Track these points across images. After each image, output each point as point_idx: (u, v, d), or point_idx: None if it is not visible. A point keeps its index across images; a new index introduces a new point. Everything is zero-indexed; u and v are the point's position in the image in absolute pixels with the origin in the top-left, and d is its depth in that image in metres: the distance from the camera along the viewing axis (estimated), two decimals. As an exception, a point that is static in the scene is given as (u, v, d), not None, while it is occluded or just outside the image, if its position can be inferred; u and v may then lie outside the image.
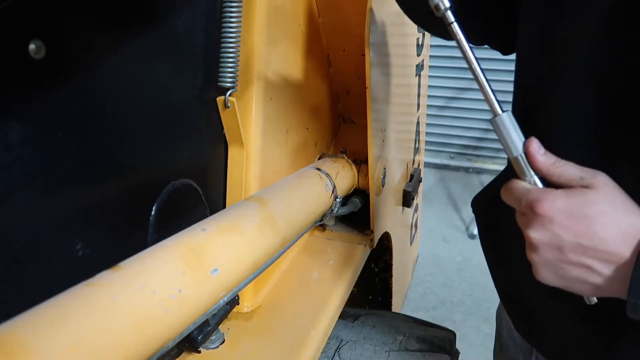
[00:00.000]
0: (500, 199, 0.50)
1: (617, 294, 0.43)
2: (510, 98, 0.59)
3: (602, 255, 0.42)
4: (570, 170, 0.45)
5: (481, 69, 0.48)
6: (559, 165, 0.45)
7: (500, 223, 0.63)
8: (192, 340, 0.65)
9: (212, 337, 0.72)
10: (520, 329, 0.67)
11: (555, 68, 0.50)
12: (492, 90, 0.48)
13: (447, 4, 0.46)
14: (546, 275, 0.45)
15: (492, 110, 0.48)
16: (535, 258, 0.45)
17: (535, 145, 0.46)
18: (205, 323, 0.67)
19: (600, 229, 0.41)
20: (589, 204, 0.42)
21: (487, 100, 0.48)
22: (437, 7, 0.47)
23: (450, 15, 0.47)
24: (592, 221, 0.42)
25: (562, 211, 0.42)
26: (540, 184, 0.47)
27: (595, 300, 0.47)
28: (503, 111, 0.48)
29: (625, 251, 0.41)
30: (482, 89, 0.48)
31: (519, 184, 0.47)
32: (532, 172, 0.47)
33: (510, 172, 0.52)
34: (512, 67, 0.58)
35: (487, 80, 0.47)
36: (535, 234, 0.44)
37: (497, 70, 3.04)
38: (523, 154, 0.47)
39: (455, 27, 0.47)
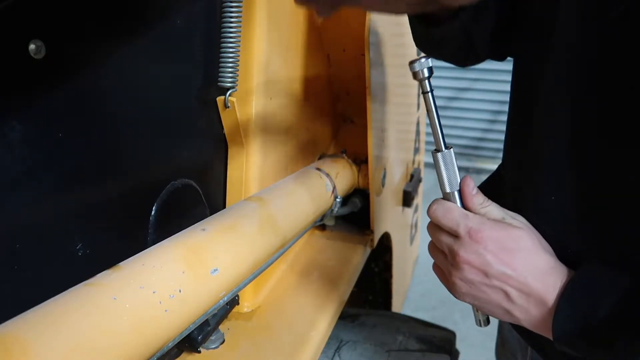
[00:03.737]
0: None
1: (531, 328, 0.49)
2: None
3: (519, 285, 0.48)
4: (495, 212, 0.51)
5: (437, 114, 0.51)
6: (485, 206, 0.52)
7: None
8: (192, 340, 0.65)
9: (212, 337, 0.72)
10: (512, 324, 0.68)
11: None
12: (442, 129, 0.52)
13: (426, 74, 0.49)
14: (463, 290, 0.51)
15: (437, 145, 0.52)
16: (456, 275, 0.51)
17: (471, 185, 0.52)
18: (205, 323, 0.67)
19: (522, 262, 0.48)
20: (516, 238, 0.49)
21: (435, 136, 0.52)
22: (415, 74, 0.49)
23: (426, 85, 0.50)
24: (516, 254, 0.48)
25: (495, 241, 0.48)
26: None
27: (484, 325, 0.56)
28: (446, 148, 0.52)
29: (537, 285, 0.47)
30: (433, 127, 0.52)
31: (458, 209, 0.51)
32: (462, 207, 0.52)
33: (500, 175, 0.54)
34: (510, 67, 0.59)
35: (439, 120, 0.51)
36: (468, 256, 0.49)
37: (497, 70, 3.04)
38: (457, 191, 0.52)
39: (429, 97, 0.50)
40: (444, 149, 0.52)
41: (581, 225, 0.50)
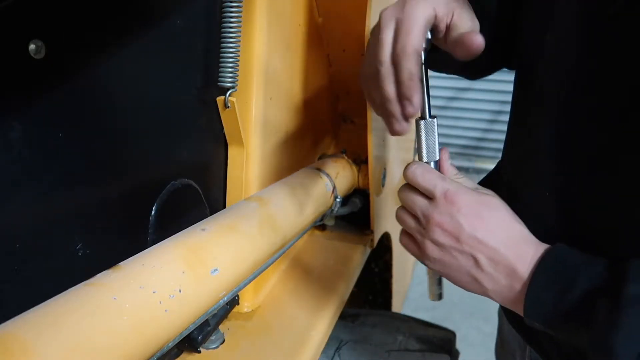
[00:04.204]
0: None
1: (499, 300, 0.49)
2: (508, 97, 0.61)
3: (489, 252, 0.47)
4: (468, 183, 0.53)
5: (427, 82, 0.52)
6: (460, 177, 0.54)
7: None
8: (192, 340, 0.65)
9: (212, 337, 0.72)
10: (512, 322, 0.68)
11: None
12: (429, 98, 0.52)
13: (423, 45, 0.48)
14: (434, 255, 0.51)
15: (422, 113, 0.52)
16: (427, 237, 0.50)
17: (447, 155, 0.54)
18: (205, 323, 0.67)
19: (494, 228, 0.48)
20: (490, 205, 0.49)
21: (422, 103, 0.52)
22: None
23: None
24: (490, 220, 0.48)
25: (470, 204, 0.48)
26: None
27: (437, 300, 0.57)
28: (431, 117, 0.52)
29: (508, 254, 0.47)
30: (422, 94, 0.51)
31: (435, 172, 0.52)
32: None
33: (498, 172, 0.53)
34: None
35: (428, 88, 0.52)
36: (441, 218, 0.49)
37: (497, 70, 3.04)
38: (435, 162, 0.53)
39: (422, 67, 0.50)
40: (428, 117, 0.52)
41: (576, 225, 0.50)
